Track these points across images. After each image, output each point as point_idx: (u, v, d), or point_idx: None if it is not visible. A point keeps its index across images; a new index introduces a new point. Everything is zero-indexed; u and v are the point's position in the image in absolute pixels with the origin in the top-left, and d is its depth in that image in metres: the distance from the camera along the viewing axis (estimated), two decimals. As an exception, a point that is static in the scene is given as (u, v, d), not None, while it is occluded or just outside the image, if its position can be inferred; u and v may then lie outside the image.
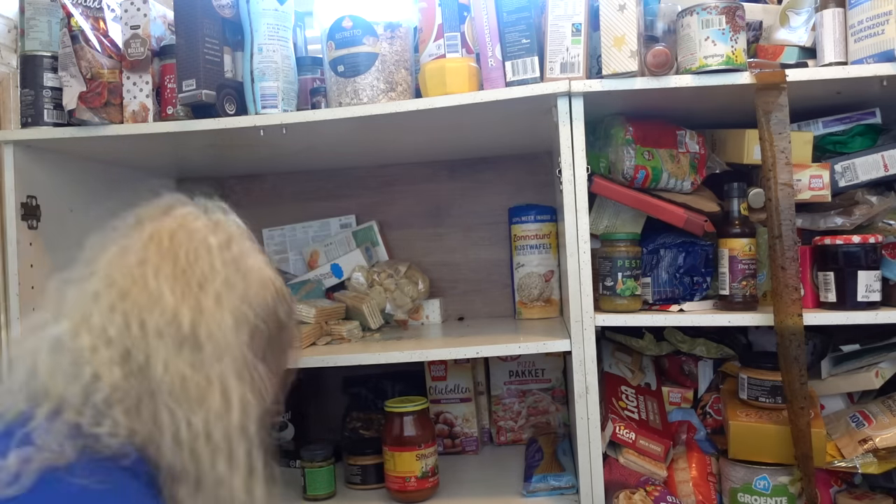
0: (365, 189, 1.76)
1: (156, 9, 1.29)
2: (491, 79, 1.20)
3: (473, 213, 1.73)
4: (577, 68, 1.16)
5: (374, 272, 1.59)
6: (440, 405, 1.57)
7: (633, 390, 1.33)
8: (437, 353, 1.25)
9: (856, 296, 1.13)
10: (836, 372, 1.25)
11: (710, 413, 1.32)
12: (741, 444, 1.19)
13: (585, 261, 1.15)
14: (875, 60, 1.10)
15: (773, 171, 1.10)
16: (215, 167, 1.72)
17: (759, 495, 1.18)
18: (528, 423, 1.59)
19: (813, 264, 1.20)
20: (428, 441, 1.30)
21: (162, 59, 1.29)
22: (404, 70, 1.26)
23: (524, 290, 1.59)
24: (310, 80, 1.36)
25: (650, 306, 1.26)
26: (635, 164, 1.21)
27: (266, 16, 1.24)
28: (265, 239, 1.77)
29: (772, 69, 1.12)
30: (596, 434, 1.14)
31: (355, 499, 1.35)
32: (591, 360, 1.14)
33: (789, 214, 1.09)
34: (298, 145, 1.44)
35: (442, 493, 1.32)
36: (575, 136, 1.14)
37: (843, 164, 1.22)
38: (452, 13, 1.20)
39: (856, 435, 1.16)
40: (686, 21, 1.13)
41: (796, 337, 1.08)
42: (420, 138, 1.47)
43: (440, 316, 1.64)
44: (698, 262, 1.25)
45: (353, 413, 1.62)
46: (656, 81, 1.12)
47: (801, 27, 1.24)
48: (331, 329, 1.42)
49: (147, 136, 1.25)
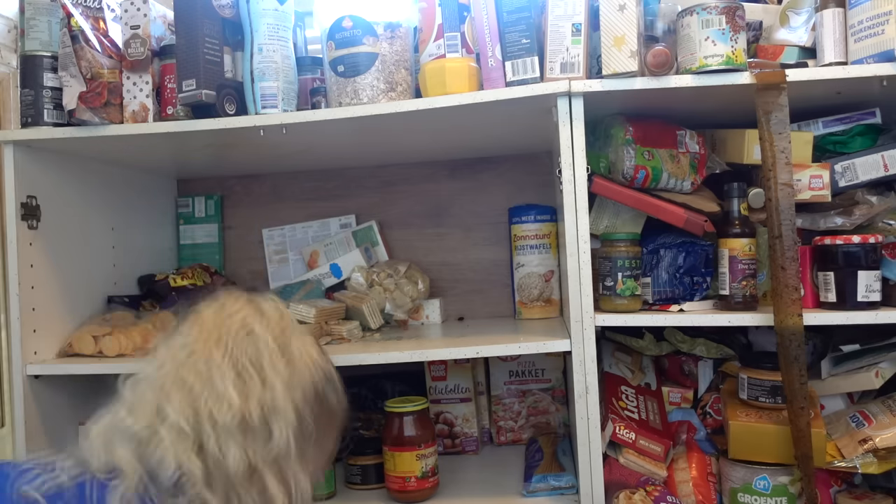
0: (365, 189, 1.76)
1: (156, 9, 1.29)
2: (491, 79, 1.20)
3: (473, 213, 1.73)
4: (577, 68, 1.16)
5: (373, 272, 1.59)
6: (440, 405, 1.57)
7: (633, 390, 1.33)
8: (437, 353, 1.25)
9: (856, 296, 1.13)
10: (836, 372, 1.25)
11: (710, 413, 1.32)
12: (741, 444, 1.19)
13: (585, 261, 1.15)
14: (875, 60, 1.10)
15: (773, 171, 1.10)
16: (215, 167, 1.72)
17: (759, 495, 1.18)
18: (528, 423, 1.59)
19: (813, 264, 1.20)
20: (428, 441, 1.30)
21: (162, 59, 1.29)
22: (404, 70, 1.26)
23: (524, 290, 1.59)
24: (310, 80, 1.36)
25: (650, 306, 1.26)
26: (635, 164, 1.20)
27: (266, 16, 1.24)
28: (265, 239, 1.78)
29: (772, 69, 1.12)
30: (596, 434, 1.14)
31: (355, 499, 1.35)
32: (591, 360, 1.14)
33: (789, 214, 1.09)
34: (298, 145, 1.44)
35: (442, 493, 1.32)
36: (575, 136, 1.14)
37: (843, 164, 1.22)
38: (452, 13, 1.20)
39: (856, 435, 1.16)
40: (686, 21, 1.13)
41: (796, 337, 1.08)
42: (420, 138, 1.47)
43: (440, 316, 1.64)
44: (698, 262, 1.25)
45: (353, 413, 1.62)
46: (656, 81, 1.12)
47: (801, 27, 1.24)
48: (331, 329, 1.42)
49: (147, 136, 1.25)
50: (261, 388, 0.77)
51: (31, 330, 1.28)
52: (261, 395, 0.76)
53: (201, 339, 0.79)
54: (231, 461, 0.73)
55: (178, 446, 0.73)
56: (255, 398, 0.76)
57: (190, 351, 0.78)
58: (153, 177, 1.72)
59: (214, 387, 0.75)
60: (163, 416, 0.75)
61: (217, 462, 0.73)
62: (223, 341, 0.78)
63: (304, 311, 1.39)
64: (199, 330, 0.80)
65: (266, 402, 0.76)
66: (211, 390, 0.75)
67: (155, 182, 1.73)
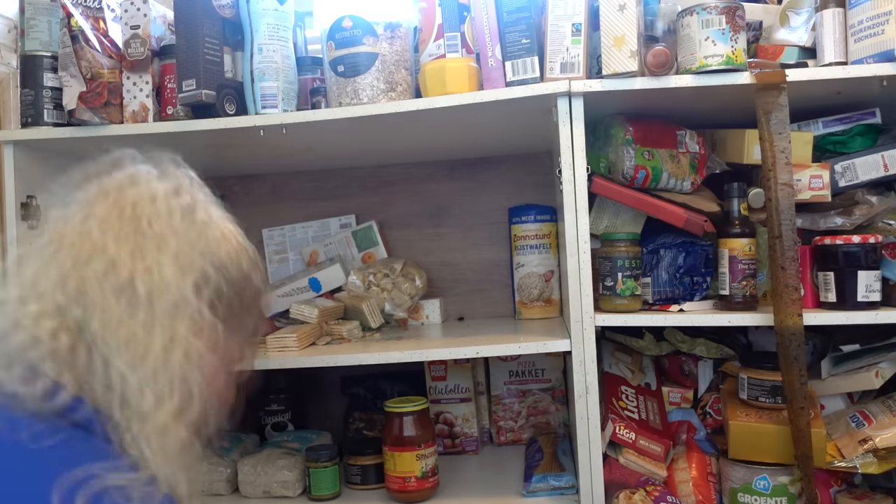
0: (365, 189, 1.76)
1: (156, 9, 1.29)
2: (491, 79, 1.20)
3: (473, 213, 1.73)
4: (577, 68, 1.16)
5: (369, 273, 1.58)
6: (440, 405, 1.57)
7: (633, 390, 1.33)
8: (437, 353, 1.25)
9: (856, 296, 1.13)
10: (836, 372, 1.25)
11: (710, 413, 1.32)
12: (741, 444, 1.19)
13: (585, 261, 1.15)
14: (875, 60, 1.10)
15: (773, 171, 1.10)
16: (215, 167, 1.72)
17: (759, 495, 1.18)
18: (528, 423, 1.59)
19: (813, 264, 1.20)
20: (428, 441, 1.29)
21: (162, 59, 1.29)
22: (404, 70, 1.26)
23: (524, 290, 1.59)
24: (310, 80, 1.36)
25: (650, 306, 1.26)
26: (635, 164, 1.21)
27: (266, 16, 1.24)
28: (265, 239, 1.77)
29: (772, 69, 1.12)
30: (596, 434, 1.14)
31: (355, 499, 1.35)
32: (591, 360, 1.14)
33: (789, 214, 1.09)
34: (298, 145, 1.44)
35: (442, 493, 1.32)
36: (575, 136, 1.14)
37: (843, 164, 1.22)
38: (452, 13, 1.20)
39: (856, 435, 1.16)
40: (686, 21, 1.13)
41: (796, 337, 1.08)
42: (420, 138, 1.47)
43: (440, 316, 1.64)
44: (698, 262, 1.25)
45: (355, 413, 1.63)
46: (656, 81, 1.12)
47: (801, 27, 1.24)
48: (331, 329, 1.42)
49: (147, 136, 1.25)
50: (161, 255, 0.68)
51: (31, 330, 1.28)
52: (159, 261, 0.68)
53: (100, 205, 0.70)
54: (113, 321, 0.65)
55: (40, 314, 0.66)
56: (150, 263, 0.68)
57: (85, 215, 0.70)
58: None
59: (97, 248, 0.67)
60: (37, 286, 0.67)
61: (98, 324, 0.65)
62: (125, 208, 0.70)
63: (306, 312, 1.39)
64: (98, 194, 0.72)
65: (161, 268, 0.68)
66: (92, 250, 0.67)
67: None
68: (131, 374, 0.65)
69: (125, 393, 0.66)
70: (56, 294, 0.67)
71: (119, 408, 0.65)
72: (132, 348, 0.66)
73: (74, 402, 0.65)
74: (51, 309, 0.67)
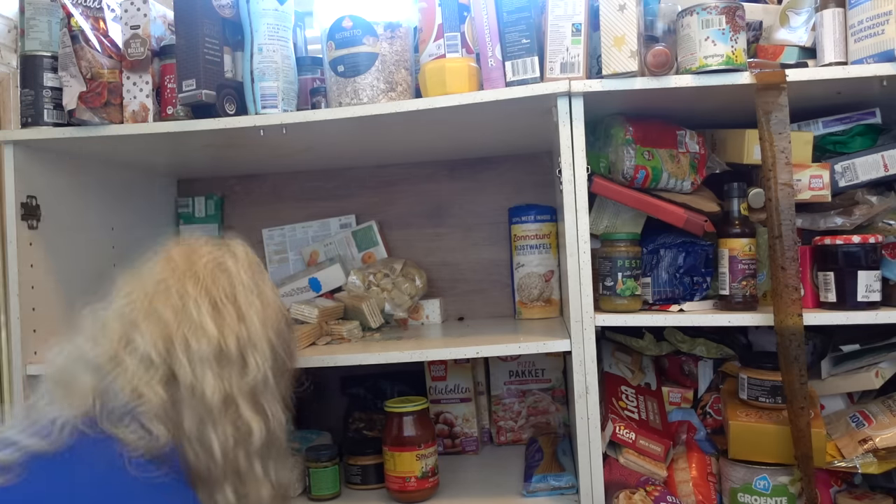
0: (365, 189, 1.76)
1: (156, 9, 1.29)
2: (491, 79, 1.20)
3: (473, 213, 1.73)
4: (577, 68, 1.16)
5: (369, 273, 1.58)
6: (440, 405, 1.57)
7: (633, 390, 1.33)
8: (437, 353, 1.25)
9: (856, 296, 1.13)
10: (836, 372, 1.25)
11: (710, 413, 1.32)
12: (741, 444, 1.19)
13: (585, 261, 1.15)
14: (875, 60, 1.10)
15: (773, 171, 1.10)
16: (215, 167, 1.72)
17: (759, 495, 1.18)
18: (528, 423, 1.59)
19: (813, 264, 1.20)
20: (428, 441, 1.30)
21: (162, 59, 1.29)
22: (404, 70, 1.26)
23: (524, 290, 1.59)
24: (310, 80, 1.36)
25: (650, 306, 1.26)
26: (635, 164, 1.21)
27: (266, 16, 1.24)
28: (265, 239, 1.78)
29: (772, 69, 1.12)
30: (596, 434, 1.14)
31: (355, 499, 1.35)
32: (591, 360, 1.14)
33: (789, 214, 1.09)
34: (298, 145, 1.44)
35: (442, 493, 1.32)
36: (575, 136, 1.14)
37: (843, 164, 1.22)
38: (452, 13, 1.20)
39: (856, 435, 1.16)
40: (686, 21, 1.13)
41: (796, 337, 1.08)
42: (420, 138, 1.47)
43: (440, 316, 1.64)
44: (698, 262, 1.25)
45: (355, 413, 1.62)
46: (656, 81, 1.12)
47: (801, 27, 1.24)
48: (331, 329, 1.42)
49: (147, 136, 1.25)
50: (237, 321, 0.76)
51: (31, 330, 1.28)
52: (237, 329, 0.76)
53: (173, 273, 0.78)
54: (207, 389, 0.72)
55: (141, 375, 0.72)
56: (231, 331, 0.75)
57: (161, 284, 0.77)
58: (153, 177, 1.72)
59: (190, 318, 0.74)
60: (131, 346, 0.73)
61: (192, 389, 0.72)
62: (197, 275, 0.77)
63: (306, 312, 1.39)
64: (169, 265, 0.79)
65: (242, 336, 0.76)
66: (187, 321, 0.74)
67: (155, 182, 1.73)
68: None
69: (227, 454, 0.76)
70: (151, 352, 0.74)
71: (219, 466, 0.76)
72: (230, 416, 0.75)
73: (168, 452, 0.72)
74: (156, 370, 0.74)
